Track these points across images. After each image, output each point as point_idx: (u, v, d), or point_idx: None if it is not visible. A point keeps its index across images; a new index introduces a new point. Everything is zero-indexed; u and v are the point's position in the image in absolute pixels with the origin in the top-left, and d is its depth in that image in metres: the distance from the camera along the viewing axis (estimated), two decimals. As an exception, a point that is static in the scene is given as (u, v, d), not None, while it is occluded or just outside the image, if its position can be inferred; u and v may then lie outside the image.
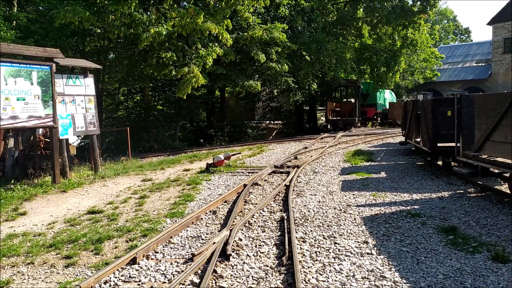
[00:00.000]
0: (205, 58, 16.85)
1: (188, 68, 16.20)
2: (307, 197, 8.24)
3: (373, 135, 22.75)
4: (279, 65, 21.12)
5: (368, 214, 6.76)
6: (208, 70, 18.93)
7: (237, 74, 21.14)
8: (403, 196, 8.03)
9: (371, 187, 8.97)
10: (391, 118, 32.47)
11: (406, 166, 11.75)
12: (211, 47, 17.19)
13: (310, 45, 22.75)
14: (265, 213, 7.16)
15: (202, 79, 16.27)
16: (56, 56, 10.32)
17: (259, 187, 9.61)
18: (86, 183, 10.65)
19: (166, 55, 16.52)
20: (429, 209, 6.94)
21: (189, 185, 10.04)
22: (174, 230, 6.18)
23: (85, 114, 11.35)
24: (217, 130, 25.57)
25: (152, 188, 9.84)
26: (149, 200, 8.70)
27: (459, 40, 69.67)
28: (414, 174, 10.36)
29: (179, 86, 16.25)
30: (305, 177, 10.53)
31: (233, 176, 11.16)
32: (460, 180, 9.21)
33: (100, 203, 8.59)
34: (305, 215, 6.83)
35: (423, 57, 40.81)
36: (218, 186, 9.89)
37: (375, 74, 27.31)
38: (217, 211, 7.52)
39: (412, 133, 11.85)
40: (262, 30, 19.45)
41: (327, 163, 12.80)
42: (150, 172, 12.32)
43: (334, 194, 8.38)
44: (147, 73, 17.82)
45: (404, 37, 26.46)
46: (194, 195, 8.99)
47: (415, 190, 8.61)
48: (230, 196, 8.66)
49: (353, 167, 11.80)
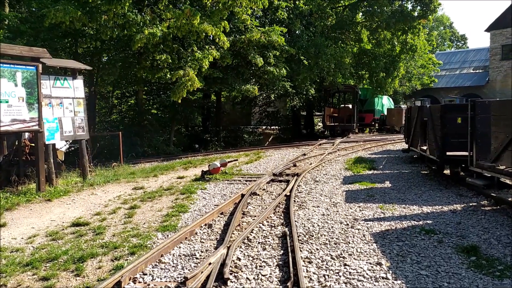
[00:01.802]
0: (201, 61, 16.29)
1: (184, 71, 15.64)
2: (309, 209, 7.67)
3: (372, 141, 22.25)
4: (277, 69, 20.61)
5: (378, 230, 6.19)
6: (204, 74, 18.37)
7: (234, 78, 20.59)
8: (412, 209, 7.48)
9: (377, 198, 8.42)
10: (389, 125, 32.05)
11: (410, 175, 11.22)
12: (207, 50, 16.65)
13: (309, 49, 22.28)
14: (265, 228, 6.58)
15: (198, 83, 15.71)
16: (43, 56, 9.71)
17: (258, 197, 9.03)
18: (73, 191, 10.02)
19: (161, 57, 15.96)
20: (443, 225, 6.39)
21: (183, 194, 9.44)
22: (166, 247, 5.58)
23: (74, 118, 10.74)
24: (212, 135, 24.98)
25: (144, 197, 9.23)
26: (139, 211, 8.09)
27: (455, 47, 69.62)
28: (420, 184, 9.82)
29: (174, 89, 15.67)
30: (306, 186, 9.97)
31: (229, 185, 10.58)
32: (471, 191, 8.68)
33: (87, 214, 7.97)
34: (309, 231, 6.25)
35: (421, 63, 40.53)
36: (214, 196, 9.30)
37: (374, 80, 26.86)
38: (213, 224, 6.93)
39: (417, 141, 11.33)
40: (260, 33, 18.95)
41: (328, 171, 12.25)
42: (142, 179, 11.71)
43: (338, 206, 7.81)
44: (140, 76, 17.23)
45: (404, 42, 26.07)
46: (188, 205, 8.39)
47: (424, 202, 8.06)
48: (227, 207, 8.08)
49: (355, 176, 11.25)
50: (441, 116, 8.82)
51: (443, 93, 44.43)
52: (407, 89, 42.61)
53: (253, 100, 29.85)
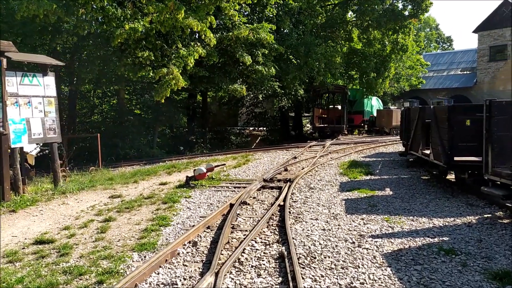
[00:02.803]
0: (186, 59, 15.34)
1: (167, 69, 14.66)
2: (307, 222, 6.82)
3: (363, 143, 21.58)
4: (265, 68, 19.75)
5: (390, 250, 5.37)
6: (189, 72, 17.43)
7: (221, 77, 19.67)
8: (422, 222, 6.69)
9: (380, 209, 7.61)
10: (379, 126, 31.48)
11: (411, 181, 10.47)
12: (192, 47, 15.70)
13: (298, 48, 21.49)
14: (258, 246, 5.71)
15: (183, 82, 14.76)
16: (8, 50, 8.69)
17: (248, 206, 8.15)
18: (42, 200, 9.00)
19: (143, 54, 14.95)
20: (462, 242, 5.60)
21: (165, 204, 8.50)
22: (141, 275, 4.66)
23: (44, 119, 9.71)
24: (198, 137, 23.99)
25: (121, 207, 8.27)
26: (114, 224, 7.13)
27: (441, 48, 69.79)
28: (424, 192, 9.06)
29: (156, 88, 14.69)
30: (300, 194, 9.12)
31: (216, 192, 9.68)
32: (481, 201, 7.95)
33: (54, 228, 6.99)
34: (311, 251, 5.40)
35: (409, 64, 40.15)
36: (200, 205, 8.39)
37: (364, 80, 26.22)
38: (199, 241, 6.03)
39: (418, 144, 10.59)
40: (248, 30, 18.07)
41: (322, 176, 11.43)
42: (120, 186, 10.72)
43: (339, 219, 6.98)
44: (121, 74, 16.20)
45: (395, 42, 25.49)
46: (170, 217, 7.47)
47: (433, 213, 7.29)
48: (214, 219, 7.18)
49: (352, 182, 10.45)
50: (448, 118, 8.06)
51: (431, 94, 44.20)
52: (395, 90, 42.23)
53: (240, 100, 28.97)
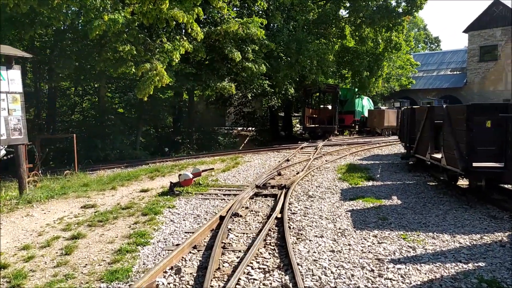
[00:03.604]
0: (171, 54, 14.22)
1: (151, 64, 13.53)
2: (311, 240, 5.81)
3: (356, 145, 20.70)
4: (255, 65, 18.73)
5: (418, 281, 4.39)
6: (175, 69, 16.32)
7: (209, 74, 18.56)
8: (445, 240, 5.74)
9: (392, 223, 6.65)
10: (370, 126, 30.69)
11: (417, 187, 9.56)
12: (178, 41, 14.58)
13: (290, 45, 20.50)
14: (256, 274, 4.68)
15: (167, 78, 13.64)
16: (-38, 38, 7.50)
17: (241, 219, 7.12)
18: (4, 211, 7.84)
19: (124, 48, 13.76)
20: (503, 269, 4.64)
21: (145, 216, 7.42)
22: (107, 321, 3.61)
23: (7, 118, 8.53)
24: (184, 137, 22.86)
25: (93, 220, 7.16)
26: (83, 243, 6.04)
27: (429, 49, 69.70)
28: (436, 201, 8.14)
29: (139, 85, 13.54)
30: (299, 204, 8.11)
31: (204, 201, 8.62)
32: (504, 212, 7.06)
33: (11, 248, 5.87)
34: (322, 283, 4.39)
35: (399, 63, 39.57)
36: (185, 217, 7.33)
37: (357, 79, 25.37)
38: (183, 267, 4.99)
39: (425, 147, 9.67)
40: (238, 25, 17.03)
41: (320, 182, 10.45)
42: (96, 193, 9.58)
43: (348, 236, 5.99)
44: (101, 69, 15.02)
45: (388, 40, 24.69)
46: (150, 233, 6.40)
47: (454, 227, 6.35)
48: (202, 236, 6.13)
49: (354, 189, 9.49)
50: (467, 118, 7.14)
51: (420, 94, 43.76)
52: (385, 90, 41.62)
53: (228, 99, 27.90)
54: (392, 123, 30.65)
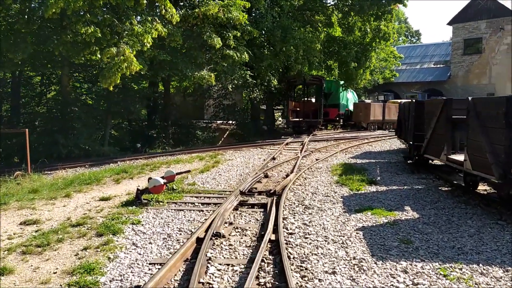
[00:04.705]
0: (142, 37, 12.45)
1: (117, 49, 11.73)
2: (322, 280, 4.28)
3: (344, 140, 19.38)
4: (237, 53, 17.05)
5: None
6: (147, 55, 14.51)
7: (186, 62, 16.76)
8: (500, 279, 4.30)
9: (419, 247, 5.18)
10: (356, 120, 29.47)
11: (430, 194, 8.16)
12: (150, 23, 12.78)
13: (274, 32, 18.90)
14: None
15: (137, 64, 11.88)
16: None
17: (224, 242, 5.54)
18: None
19: (87, 30, 11.91)
20: None
21: (100, 237, 5.76)
22: None
23: None
24: (160, 132, 21.03)
25: (30, 244, 5.46)
26: (7, 282, 4.36)
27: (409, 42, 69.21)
28: (459, 213, 6.73)
29: (103, 72, 11.73)
30: (294, 218, 6.58)
31: (178, 213, 7.01)
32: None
33: None
34: None
35: (383, 56, 38.43)
36: (152, 239, 5.71)
37: (344, 71, 23.98)
38: (141, 330, 3.40)
39: (440, 147, 8.27)
40: (218, 7, 15.32)
41: (315, 187, 8.95)
42: (45, 202, 7.82)
43: (368, 271, 4.48)
44: (60, 54, 13.11)
45: (377, 29, 23.35)
46: (102, 266, 4.76)
47: (499, 254, 4.93)
48: (172, 271, 4.54)
49: (357, 196, 8.02)
50: (506, 113, 5.73)
51: (403, 87, 42.94)
52: (368, 83, 40.51)
53: (207, 91, 26.12)
54: (378, 117, 29.50)
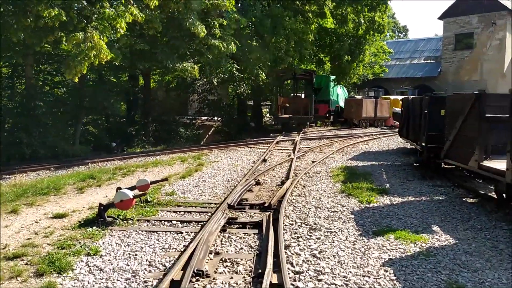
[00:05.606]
0: (115, 22, 10.84)
1: (84, 34, 10.10)
2: None
3: (338, 138, 18.04)
4: (223, 43, 15.51)
5: None
6: (122, 44, 12.91)
7: (166, 53, 15.17)
8: None
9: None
10: (347, 117, 28.18)
11: (456, 208, 6.81)
12: (124, 5, 11.15)
13: (264, 21, 17.41)
14: None
15: (107, 53, 10.25)
16: None
17: (209, 284, 4.08)
18: None
19: (49, 12, 10.22)
20: None
21: (39, 278, 4.23)
22: None
23: None
24: (139, 129, 19.38)
25: None
26: None
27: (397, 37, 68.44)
28: (504, 236, 5.40)
29: (68, 62, 10.09)
30: (299, 246, 5.13)
31: (150, 236, 5.51)
32: None
33: None
34: None
35: (373, 51, 37.24)
36: (110, 281, 4.21)
37: (336, 64, 22.63)
38: None
39: (468, 152, 6.91)
40: (202, -9, 13.77)
41: (317, 198, 7.52)
42: (-17, 221, 6.24)
43: None
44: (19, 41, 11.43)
45: (371, 21, 22.04)
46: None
47: None
48: None
49: (370, 212, 6.61)
50: None
51: (393, 83, 41.86)
52: (357, 79, 39.31)
53: (191, 85, 24.52)
54: (370, 113, 28.24)
